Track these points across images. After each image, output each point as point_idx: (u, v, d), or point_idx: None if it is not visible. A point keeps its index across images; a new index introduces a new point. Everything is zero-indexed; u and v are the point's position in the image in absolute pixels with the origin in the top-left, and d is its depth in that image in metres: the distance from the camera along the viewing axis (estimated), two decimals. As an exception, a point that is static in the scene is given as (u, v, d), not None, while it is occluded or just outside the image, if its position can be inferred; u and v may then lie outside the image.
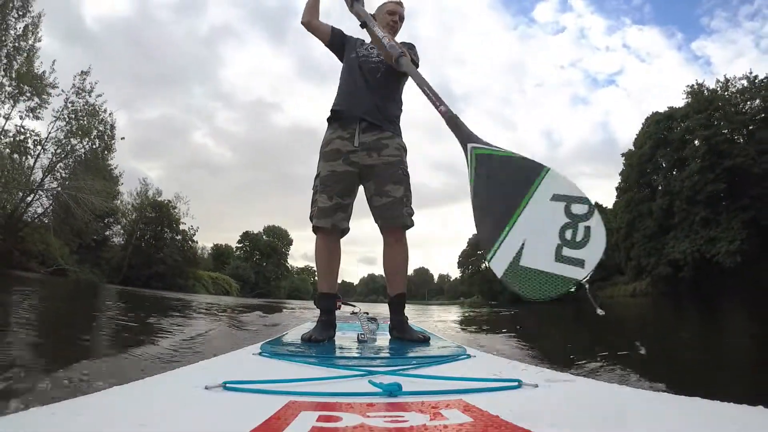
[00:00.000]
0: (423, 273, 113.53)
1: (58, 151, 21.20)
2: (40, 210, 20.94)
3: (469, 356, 1.37)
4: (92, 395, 0.76)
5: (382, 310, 2.53)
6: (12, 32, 18.97)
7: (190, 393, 0.77)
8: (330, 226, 1.85)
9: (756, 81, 24.86)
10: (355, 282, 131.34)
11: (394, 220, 1.88)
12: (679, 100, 29.01)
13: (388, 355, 1.49)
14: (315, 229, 1.90)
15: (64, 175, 21.33)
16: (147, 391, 0.83)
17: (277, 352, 1.36)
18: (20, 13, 19.21)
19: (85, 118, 21.73)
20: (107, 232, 27.83)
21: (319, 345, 1.64)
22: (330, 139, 1.93)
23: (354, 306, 2.27)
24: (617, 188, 32.56)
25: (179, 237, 35.63)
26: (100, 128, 22.61)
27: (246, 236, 57.77)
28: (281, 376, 0.86)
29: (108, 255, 28.12)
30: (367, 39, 2.05)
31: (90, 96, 21.92)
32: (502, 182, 1.12)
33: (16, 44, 19.10)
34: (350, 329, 2.24)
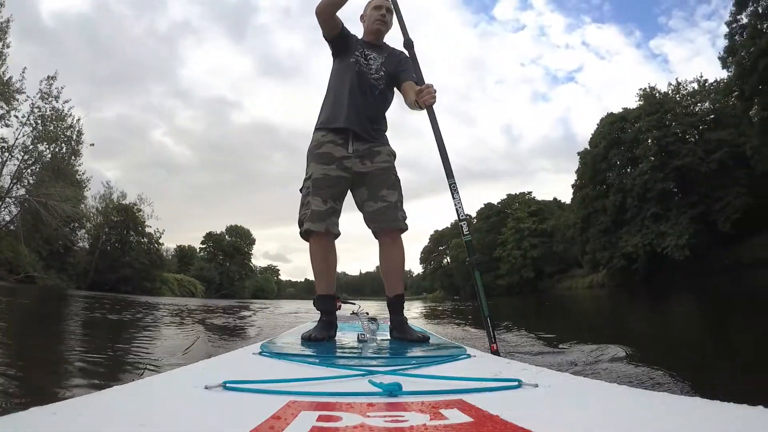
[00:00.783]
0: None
1: (26, 157, 21.08)
2: (8, 218, 20.85)
3: (469, 356, 1.37)
4: (92, 395, 0.76)
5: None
6: None
7: (190, 393, 0.77)
8: (324, 230, 1.85)
9: (706, 84, 25.85)
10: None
11: (391, 224, 1.89)
12: (636, 99, 30.10)
13: (388, 355, 1.49)
14: (307, 233, 1.87)
15: (31, 181, 21.15)
16: (147, 391, 0.83)
17: (277, 352, 1.36)
18: None
19: (52, 124, 21.57)
20: (72, 237, 27.38)
21: (320, 345, 1.64)
22: (322, 141, 1.93)
23: (354, 303, 2.27)
24: (573, 186, 34.00)
25: (145, 240, 36.07)
26: (67, 133, 22.53)
27: (209, 237, 58.00)
28: (281, 376, 0.86)
29: (74, 260, 27.89)
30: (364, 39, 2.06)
31: (57, 101, 21.81)
32: None
33: None
34: (350, 329, 2.24)
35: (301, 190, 1.98)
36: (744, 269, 17.49)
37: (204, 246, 57.26)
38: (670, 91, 28.34)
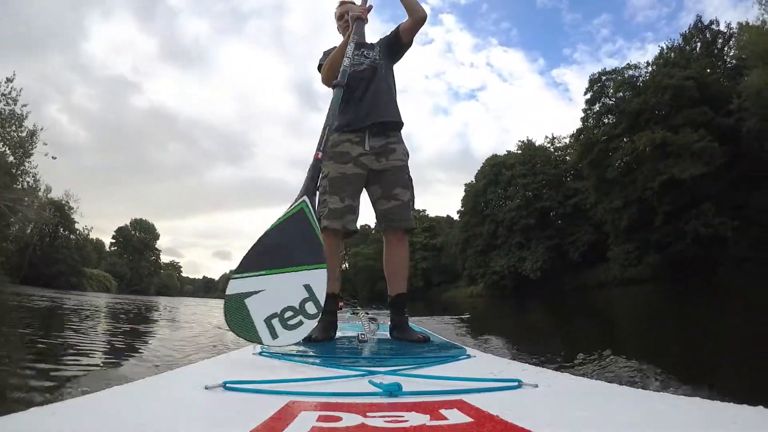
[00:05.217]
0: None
1: None
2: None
3: (469, 356, 1.37)
4: (92, 395, 0.76)
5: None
6: None
7: (190, 393, 0.77)
8: (341, 228, 1.86)
9: (580, 138, 29.14)
10: (216, 278, 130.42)
11: (401, 223, 1.90)
12: (515, 148, 37.71)
13: (388, 355, 1.49)
14: (323, 230, 1.86)
15: None
16: (147, 391, 0.83)
17: (278, 351, 1.36)
18: None
19: (11, 128, 21.02)
20: (6, 232, 26.80)
21: (320, 345, 1.64)
22: (338, 141, 1.94)
23: (355, 301, 2.27)
24: (458, 212, 42.03)
25: (73, 237, 37.35)
26: (22, 135, 21.86)
27: (120, 232, 59.34)
28: (281, 376, 0.87)
29: (6, 254, 27.64)
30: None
31: (16, 105, 21.14)
32: (291, 243, 1.25)
33: None
34: (351, 329, 2.24)
35: (317, 188, 1.97)
36: (589, 290, 23.19)
37: (114, 240, 58.87)
38: (546, 143, 36.19)
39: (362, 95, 1.96)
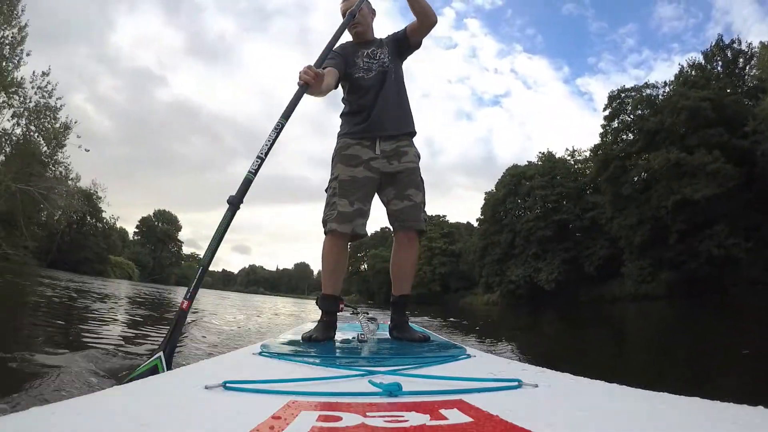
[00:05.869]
0: (303, 268, 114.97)
1: (18, 150, 21.23)
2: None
3: (468, 356, 1.37)
4: (92, 395, 0.76)
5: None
6: None
7: (190, 393, 0.77)
8: (350, 231, 1.85)
9: (598, 153, 29.24)
10: (235, 271, 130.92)
11: (413, 224, 1.90)
12: (536, 159, 37.56)
13: (388, 355, 1.49)
14: (330, 232, 1.87)
15: (22, 171, 21.05)
16: (147, 391, 0.83)
17: (277, 352, 1.36)
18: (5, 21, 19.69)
19: (46, 119, 21.75)
20: (40, 219, 27.61)
21: (320, 345, 1.64)
22: (349, 143, 1.93)
23: (355, 307, 2.27)
24: (477, 219, 42.18)
25: (100, 225, 39.44)
26: (57, 127, 22.57)
27: (144, 222, 61.10)
28: (281, 376, 0.86)
29: (37, 239, 28.30)
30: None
31: (51, 98, 21.83)
32: None
33: (3, 51, 19.64)
34: (350, 329, 2.24)
35: (326, 190, 1.97)
36: (603, 303, 23.43)
37: (137, 230, 60.66)
38: (566, 155, 35.91)
39: (372, 106, 1.94)
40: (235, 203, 1.55)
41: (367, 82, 1.97)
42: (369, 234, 2.01)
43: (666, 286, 21.63)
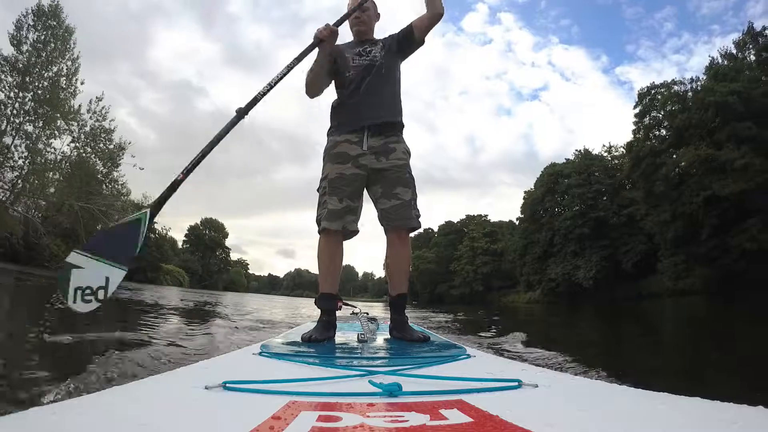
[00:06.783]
0: (348, 270, 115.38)
1: (78, 171, 22.85)
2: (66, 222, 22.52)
3: (469, 356, 1.37)
4: (92, 395, 0.76)
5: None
6: (54, 68, 21.49)
7: (190, 393, 0.77)
8: (341, 229, 1.86)
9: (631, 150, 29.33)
10: (281, 275, 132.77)
11: (402, 222, 1.89)
12: (573, 156, 37.96)
13: (388, 355, 1.49)
14: (323, 231, 1.90)
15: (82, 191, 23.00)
16: (147, 391, 0.83)
17: (277, 352, 1.36)
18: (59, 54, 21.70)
19: (103, 142, 23.53)
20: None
21: (319, 345, 1.64)
22: (337, 141, 1.94)
23: (354, 307, 2.27)
24: (517, 218, 43.28)
25: (152, 236, 40.46)
26: (111, 148, 24.30)
27: (192, 231, 63.68)
28: (281, 376, 0.86)
29: None
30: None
31: (104, 120, 23.54)
32: (119, 241, 1.52)
33: (58, 82, 21.65)
34: (350, 329, 2.24)
35: (318, 190, 1.99)
36: (642, 300, 23.41)
37: (186, 239, 63.09)
38: (603, 152, 36.23)
39: (357, 94, 1.95)
40: (241, 113, 1.75)
41: (352, 76, 1.97)
42: (413, 235, 2.03)
43: (702, 281, 21.49)
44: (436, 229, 59.35)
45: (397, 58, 2.04)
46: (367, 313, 2.09)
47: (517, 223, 43.70)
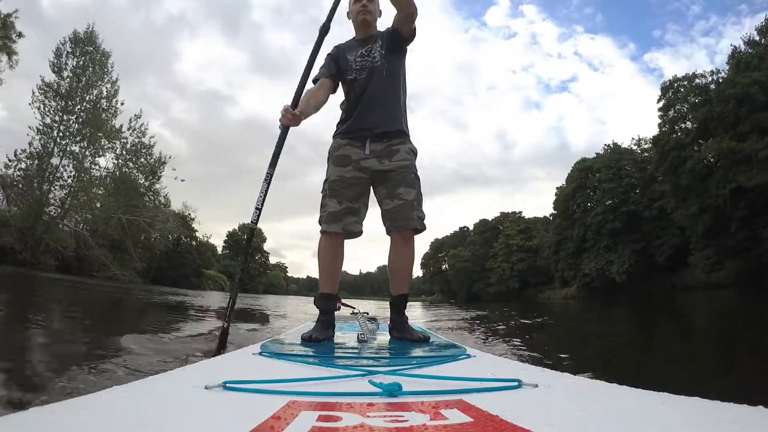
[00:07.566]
0: (386, 271, 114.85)
1: (122, 185, 24.12)
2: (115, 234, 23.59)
3: (469, 356, 1.37)
4: (92, 395, 0.76)
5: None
6: (95, 92, 22.94)
7: (190, 393, 0.77)
8: (341, 230, 1.87)
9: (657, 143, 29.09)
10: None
11: (405, 223, 1.88)
12: (602, 150, 37.64)
13: (388, 355, 1.49)
14: (323, 232, 1.91)
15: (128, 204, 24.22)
16: (147, 391, 0.83)
17: (277, 352, 1.36)
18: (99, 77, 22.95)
19: (144, 156, 24.85)
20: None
21: (319, 345, 1.64)
22: (340, 144, 1.95)
23: (353, 307, 2.27)
24: (550, 215, 42.76)
25: (194, 243, 43.19)
26: (152, 162, 25.62)
27: (231, 236, 65.43)
28: (281, 376, 0.86)
29: (145, 260, 30.95)
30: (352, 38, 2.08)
31: (144, 136, 24.86)
32: None
33: (99, 104, 22.85)
34: (350, 329, 2.24)
35: (321, 192, 2.00)
36: (675, 293, 23.27)
37: (225, 244, 65.25)
38: (632, 145, 35.64)
39: (357, 105, 1.95)
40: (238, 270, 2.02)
41: (356, 82, 1.98)
42: (448, 233, 2.02)
43: (735, 274, 21.27)
44: (471, 228, 59.08)
45: (396, 56, 2.02)
46: (367, 313, 2.09)
47: (550, 219, 43.30)
